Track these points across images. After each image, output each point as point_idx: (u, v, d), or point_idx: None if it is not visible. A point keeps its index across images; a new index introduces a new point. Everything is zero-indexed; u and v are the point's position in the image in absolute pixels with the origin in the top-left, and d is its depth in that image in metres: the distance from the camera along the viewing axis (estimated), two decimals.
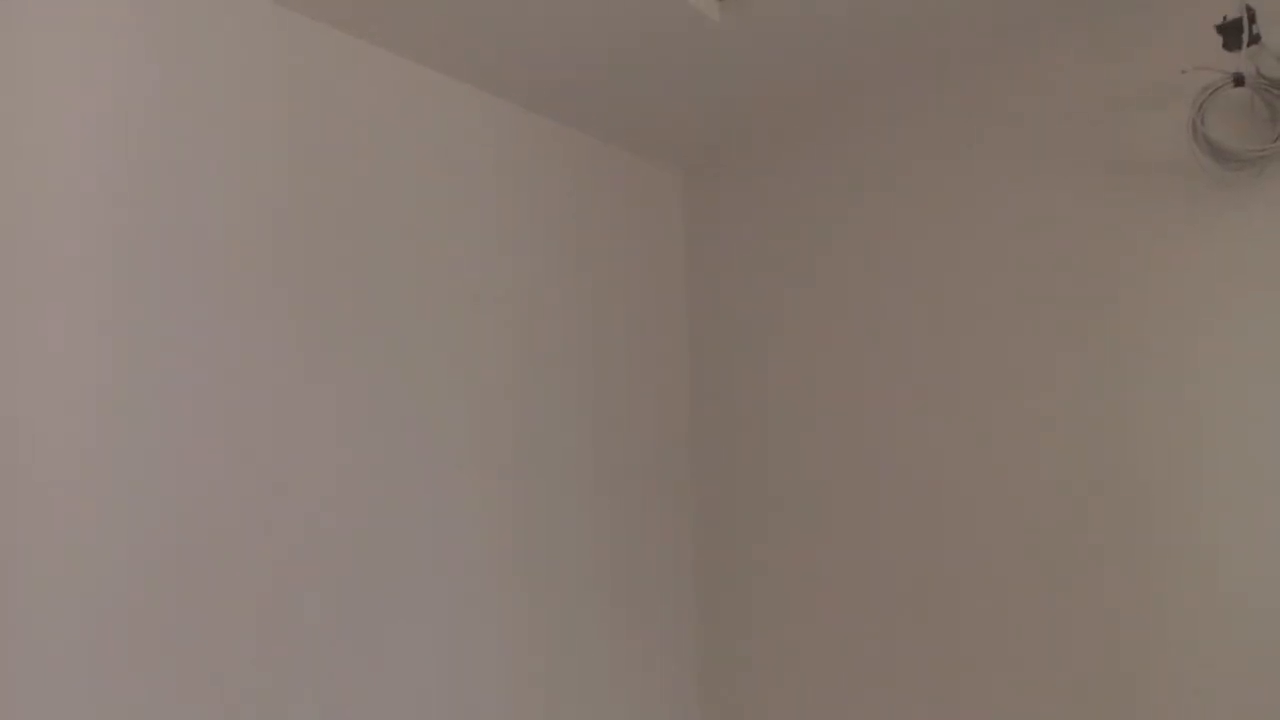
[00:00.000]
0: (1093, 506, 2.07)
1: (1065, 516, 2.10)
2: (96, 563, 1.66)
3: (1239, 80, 1.91)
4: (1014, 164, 2.25)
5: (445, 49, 2.18)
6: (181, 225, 1.83)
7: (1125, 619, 2.01)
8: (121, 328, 1.74)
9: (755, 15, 2.13)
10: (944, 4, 2.11)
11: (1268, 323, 1.92)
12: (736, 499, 2.56)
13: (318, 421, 1.96)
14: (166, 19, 1.86)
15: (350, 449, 2.00)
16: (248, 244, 1.91)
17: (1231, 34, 1.93)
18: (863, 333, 2.42)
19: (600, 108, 2.44)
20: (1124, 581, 2.02)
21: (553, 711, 2.24)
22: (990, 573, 2.17)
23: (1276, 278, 1.92)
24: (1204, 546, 1.95)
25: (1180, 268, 2.03)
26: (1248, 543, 1.90)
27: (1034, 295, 2.19)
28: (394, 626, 2.01)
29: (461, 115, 2.30)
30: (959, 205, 2.32)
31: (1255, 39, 1.90)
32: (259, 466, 1.87)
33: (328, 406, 1.98)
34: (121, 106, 1.78)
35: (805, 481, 2.46)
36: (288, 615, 1.86)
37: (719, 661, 2.53)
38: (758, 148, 2.64)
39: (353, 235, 2.06)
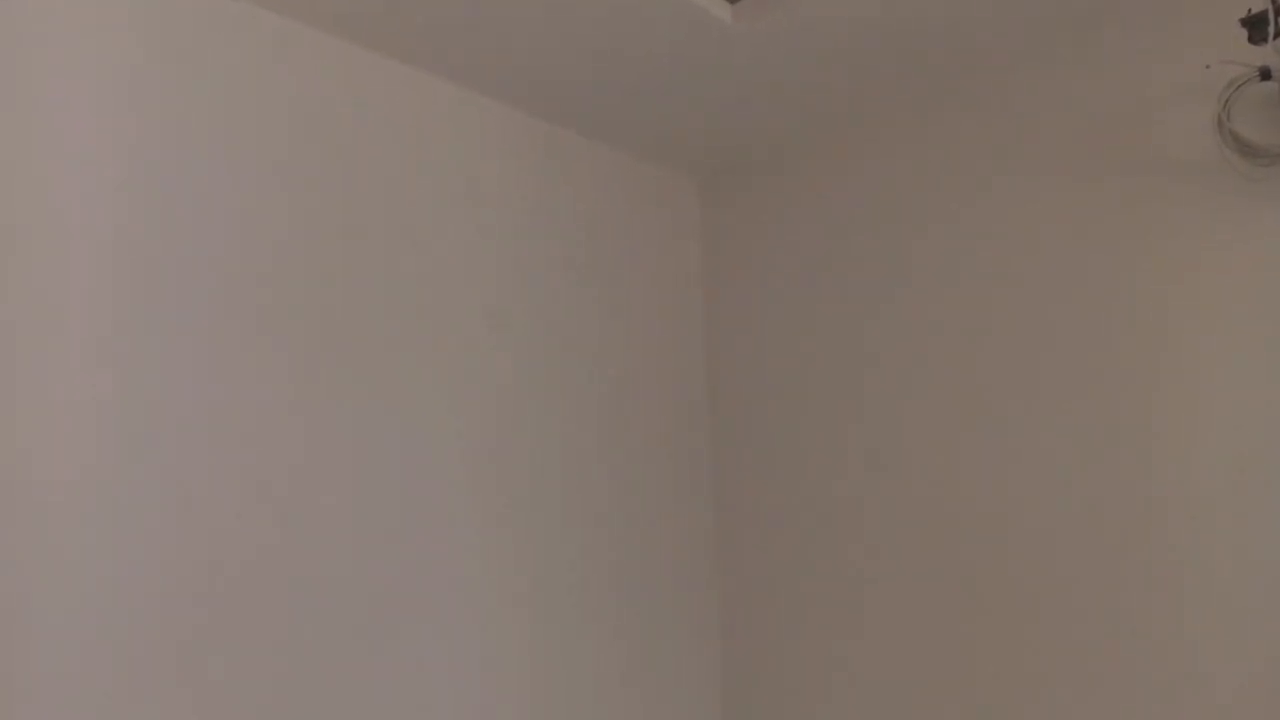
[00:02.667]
0: (1121, 512, 2.02)
1: (1092, 521, 2.05)
2: (101, 578, 1.64)
3: (1265, 74, 1.87)
4: (1038, 167, 2.21)
5: (450, 55, 2.15)
6: (184, 236, 1.81)
7: (1154, 622, 1.96)
8: (123, 341, 1.72)
9: (769, 18, 2.10)
10: (964, 8, 2.08)
11: None
12: (758, 515, 2.51)
13: (325, 433, 1.94)
14: (165, 32, 1.84)
15: (359, 460, 1.97)
16: (250, 254, 1.88)
17: (1257, 27, 1.89)
18: (885, 343, 2.37)
19: (611, 114, 2.41)
20: (1156, 589, 1.97)
21: (568, 713, 2.20)
22: (1020, 577, 2.12)
23: None
24: (1242, 551, 1.90)
25: (1208, 266, 1.98)
26: None
27: (1060, 300, 2.14)
28: (406, 639, 1.97)
29: (468, 124, 2.27)
30: (983, 212, 2.27)
31: None
32: (265, 480, 1.84)
33: (336, 418, 1.95)
34: (119, 121, 1.77)
35: (827, 496, 2.40)
36: (295, 627, 1.83)
37: (741, 673, 2.48)
38: (775, 155, 2.60)
39: (358, 246, 2.03)
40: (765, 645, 2.45)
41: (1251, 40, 1.90)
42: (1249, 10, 1.90)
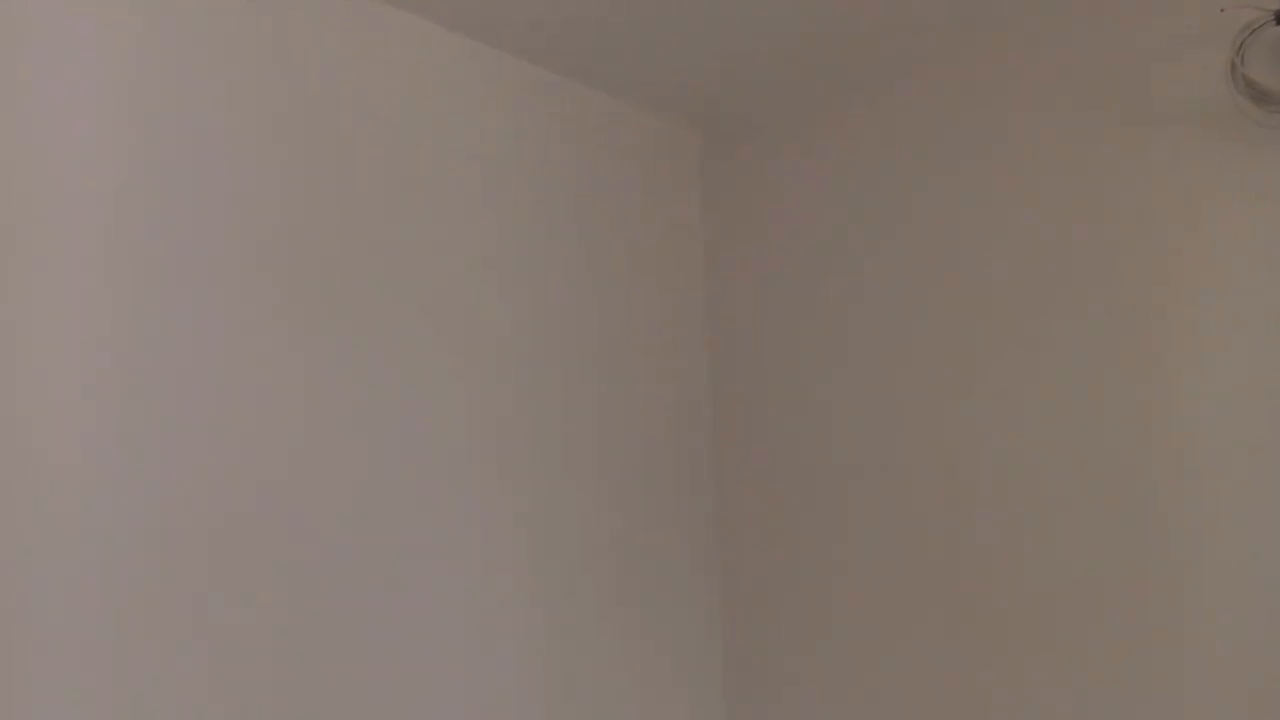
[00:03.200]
0: (1123, 472, 1.99)
1: (1093, 482, 2.02)
2: (102, 552, 1.62)
3: None
4: (1042, 120, 2.17)
5: (449, 1, 2.11)
6: (178, 208, 1.78)
7: (1152, 600, 1.93)
8: (122, 313, 1.70)
9: None
10: None
11: None
12: (757, 470, 2.48)
13: (327, 390, 1.91)
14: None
15: (361, 418, 1.94)
16: (245, 222, 1.85)
17: None
18: (885, 299, 2.33)
19: (608, 60, 2.35)
20: (1154, 566, 1.94)
21: (570, 703, 2.18)
22: (1023, 566, 2.09)
23: None
24: (1250, 527, 1.87)
25: (1218, 215, 1.95)
26: None
27: (1064, 251, 2.11)
28: (407, 596, 1.95)
29: (467, 73, 2.22)
30: (985, 167, 2.23)
31: None
32: (269, 440, 1.82)
33: (338, 376, 1.93)
34: (117, 86, 1.74)
35: (828, 451, 2.37)
36: (298, 582, 1.82)
37: (743, 653, 2.46)
38: (782, 107, 2.55)
39: (355, 202, 2.00)
40: (766, 601, 2.42)
41: None
42: None
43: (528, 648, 2.11)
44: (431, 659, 1.97)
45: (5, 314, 1.59)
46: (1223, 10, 1.92)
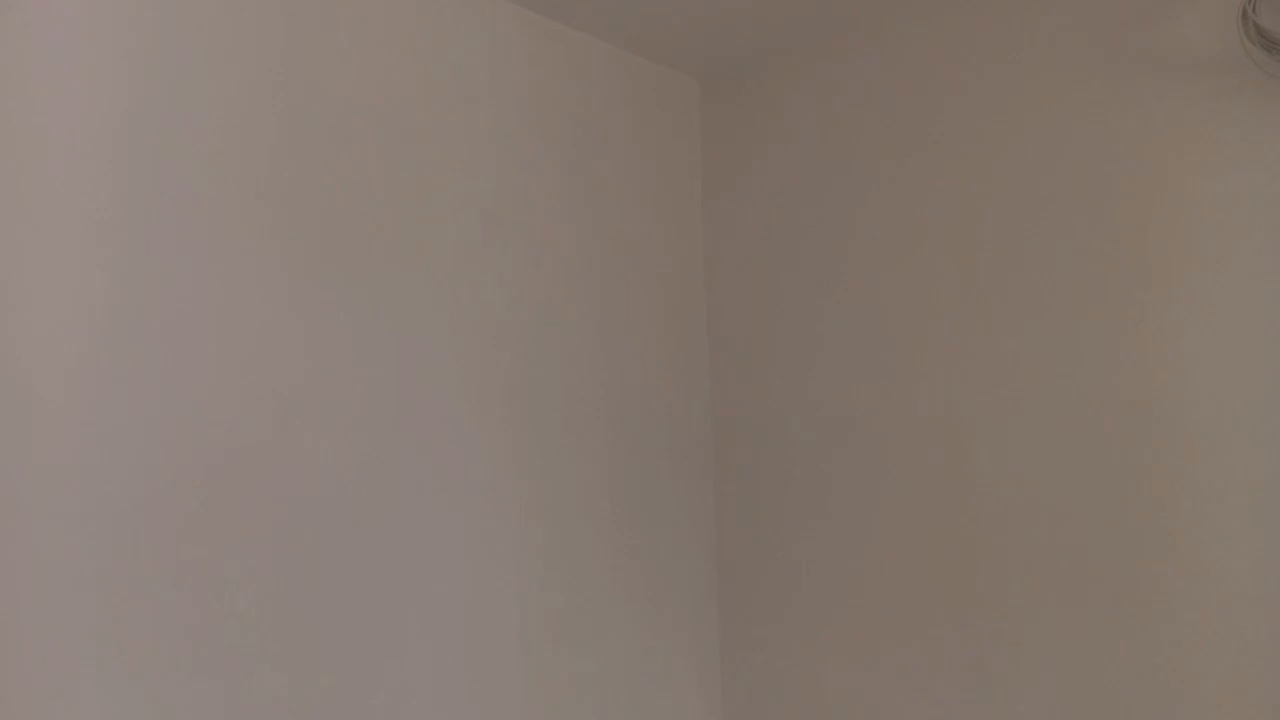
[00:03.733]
0: (1122, 414, 1.98)
1: (1090, 426, 2.00)
2: (95, 489, 1.61)
3: None
4: (1043, 64, 2.13)
5: None
6: (173, 138, 1.75)
7: (1148, 520, 1.93)
8: (118, 252, 1.68)
9: None
10: None
11: None
12: (755, 414, 2.46)
13: (322, 330, 1.89)
14: None
15: (356, 358, 1.93)
16: (239, 159, 1.82)
17: None
18: (884, 241, 2.31)
19: (604, 5, 2.31)
20: (1153, 496, 1.93)
21: (569, 655, 2.18)
22: (1028, 539, 2.08)
23: None
24: (1254, 482, 1.86)
25: (1226, 169, 1.91)
26: None
27: (1066, 198, 2.08)
28: (403, 538, 1.95)
29: (452, 16, 2.16)
30: (984, 112, 2.20)
31: None
32: (264, 377, 1.81)
33: (334, 316, 1.91)
34: (111, 35, 1.70)
35: (827, 397, 2.36)
36: (294, 523, 1.81)
37: (740, 573, 2.46)
38: (782, 53, 2.50)
39: (351, 148, 1.97)
40: (760, 545, 2.42)
41: None
42: None
43: (526, 585, 2.12)
44: (429, 599, 1.97)
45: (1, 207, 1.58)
46: None
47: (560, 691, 2.16)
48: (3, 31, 1.60)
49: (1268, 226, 1.87)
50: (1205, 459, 1.90)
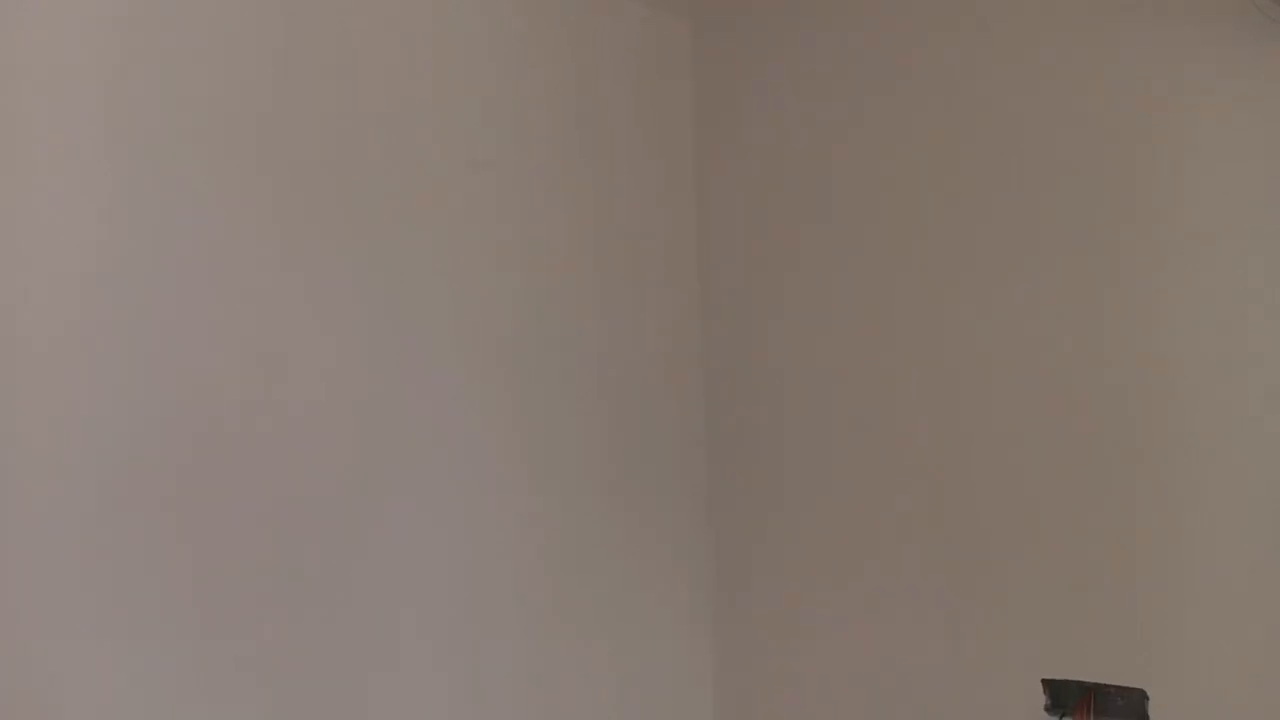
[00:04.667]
0: (1119, 364, 1.99)
1: (1089, 401, 2.02)
2: (87, 443, 1.60)
3: None
4: (1042, 8, 2.10)
5: None
6: (171, 100, 1.72)
7: (1151, 503, 1.95)
8: (114, 205, 1.65)
9: None
10: None
11: None
12: (746, 363, 2.46)
13: (316, 278, 1.87)
14: None
15: (349, 308, 1.91)
16: (241, 121, 1.79)
17: None
18: (880, 186, 2.29)
19: None
20: (1151, 472, 1.95)
21: (564, 602, 2.20)
22: (1009, 470, 2.10)
23: None
24: (1247, 434, 1.87)
25: (1232, 125, 1.90)
26: None
27: (1065, 143, 2.06)
28: (398, 493, 1.95)
29: None
30: (982, 57, 2.17)
31: None
32: (256, 328, 1.79)
33: (327, 288, 1.89)
34: None
35: (819, 369, 2.34)
36: (286, 479, 1.80)
37: (732, 548, 2.47)
38: None
39: (340, 102, 1.93)
40: (753, 497, 2.43)
41: None
42: None
43: (522, 541, 2.13)
44: (424, 556, 1.97)
45: None
46: None
47: (556, 637, 2.18)
48: None
49: (1264, 169, 1.87)
50: (1201, 421, 1.91)
